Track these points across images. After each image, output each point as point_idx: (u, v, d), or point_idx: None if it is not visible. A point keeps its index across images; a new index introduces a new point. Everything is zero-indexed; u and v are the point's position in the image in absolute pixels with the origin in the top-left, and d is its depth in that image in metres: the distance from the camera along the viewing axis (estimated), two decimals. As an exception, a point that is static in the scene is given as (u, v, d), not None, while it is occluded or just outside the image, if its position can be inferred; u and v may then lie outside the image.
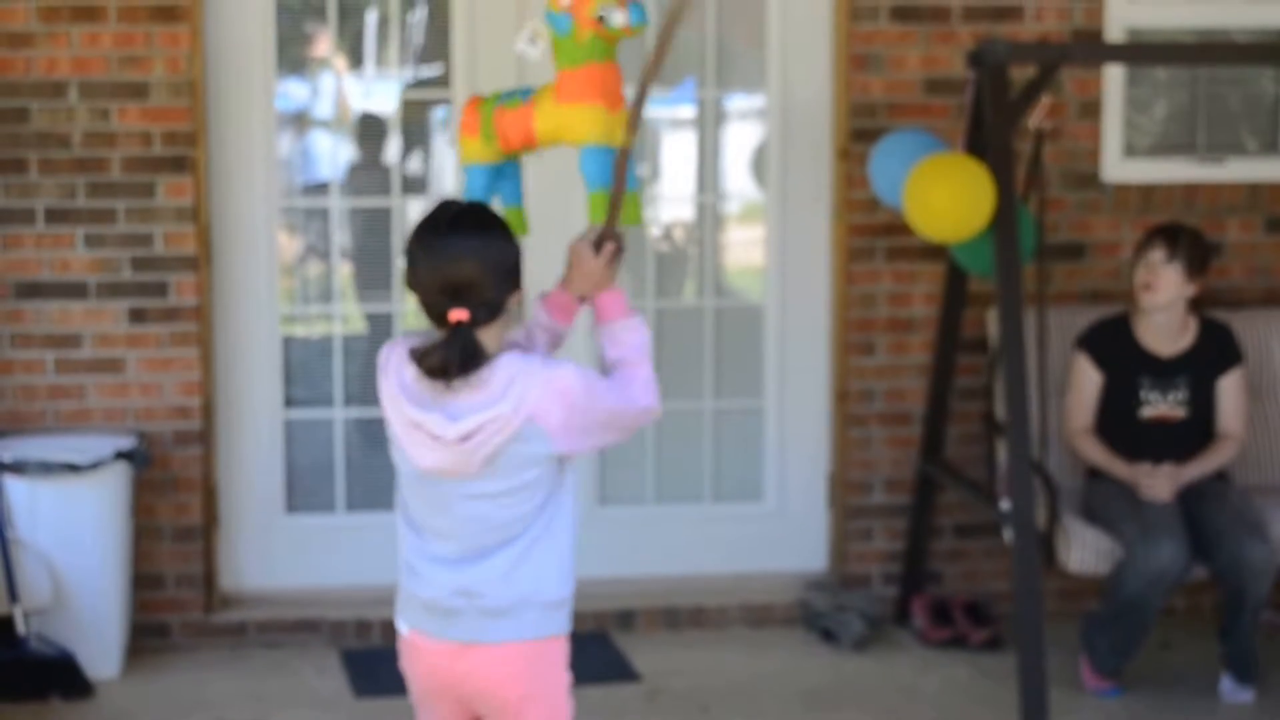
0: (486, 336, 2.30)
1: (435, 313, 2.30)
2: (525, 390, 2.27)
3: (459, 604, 2.35)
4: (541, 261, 4.48)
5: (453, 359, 2.25)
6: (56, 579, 3.92)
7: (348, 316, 4.52)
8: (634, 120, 2.59)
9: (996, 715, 3.80)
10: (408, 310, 4.46)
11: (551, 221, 3.70)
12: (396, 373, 2.34)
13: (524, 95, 2.92)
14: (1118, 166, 4.53)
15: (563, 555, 2.38)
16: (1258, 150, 4.70)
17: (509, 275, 2.32)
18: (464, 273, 2.27)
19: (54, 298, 4.16)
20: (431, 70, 4.52)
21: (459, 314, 2.26)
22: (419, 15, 4.49)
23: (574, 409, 2.29)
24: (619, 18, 2.76)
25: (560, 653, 2.43)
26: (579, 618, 4.35)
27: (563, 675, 2.44)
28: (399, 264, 4.45)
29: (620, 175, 2.59)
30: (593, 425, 2.32)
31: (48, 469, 3.89)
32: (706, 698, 3.92)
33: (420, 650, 2.41)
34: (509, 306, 2.33)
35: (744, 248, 4.68)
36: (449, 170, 4.50)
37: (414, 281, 2.32)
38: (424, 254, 2.30)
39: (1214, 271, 4.37)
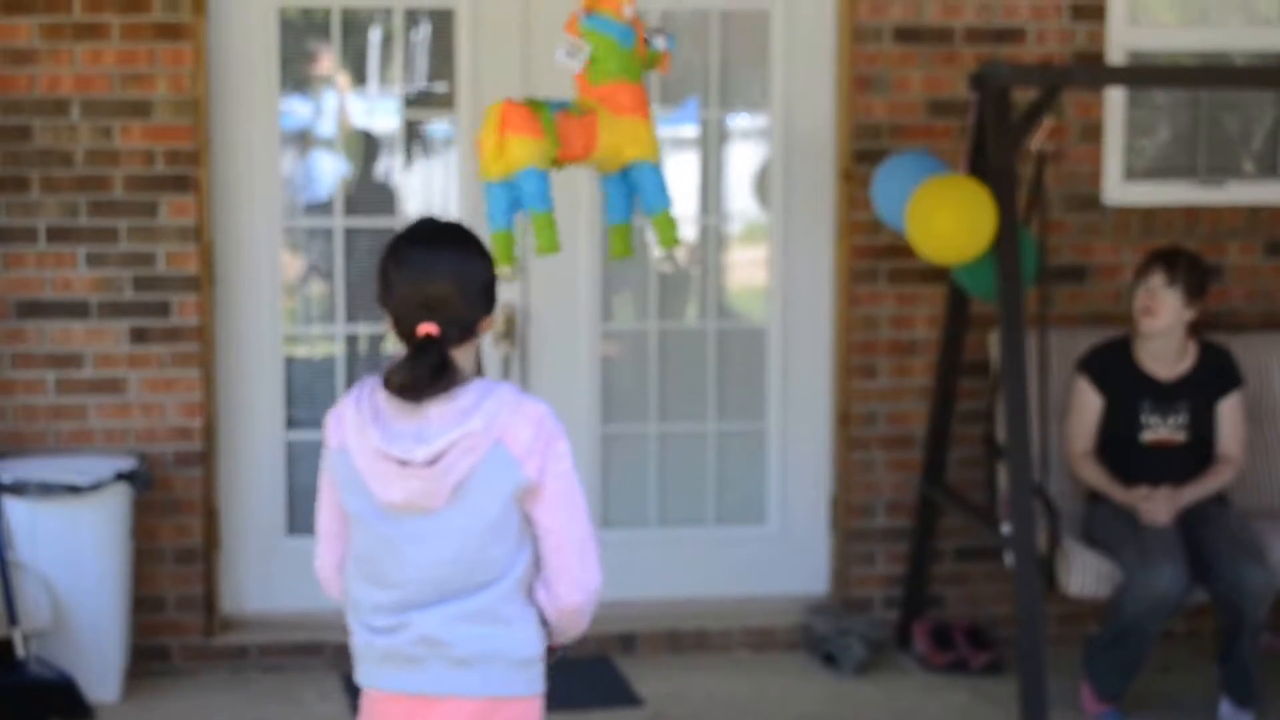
0: (457, 357, 2.25)
1: (405, 327, 2.25)
2: (496, 410, 2.21)
3: (421, 653, 2.24)
4: (543, 273, 4.44)
5: (421, 373, 2.19)
6: (56, 601, 3.90)
7: (350, 337, 4.51)
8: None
9: (998, 740, 3.82)
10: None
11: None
12: (369, 402, 2.25)
13: (564, 105, 2.88)
14: (1119, 189, 4.54)
15: (534, 612, 2.28)
16: (1258, 174, 4.71)
17: (482, 294, 2.27)
18: (438, 288, 2.22)
19: (55, 317, 4.15)
20: (435, 88, 4.51)
21: (428, 328, 2.22)
22: (422, 33, 4.48)
23: (540, 436, 2.22)
24: (662, 41, 2.88)
25: (535, 714, 2.30)
26: (581, 642, 4.38)
27: None
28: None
29: None
30: (557, 471, 2.23)
31: (48, 490, 3.88)
32: (708, 722, 3.93)
33: (381, 705, 2.29)
34: (480, 330, 2.28)
35: (747, 269, 4.68)
36: (453, 189, 4.49)
37: (386, 297, 2.26)
38: (399, 267, 2.25)
39: (1214, 295, 4.39)
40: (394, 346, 2.28)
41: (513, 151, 2.66)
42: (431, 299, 2.22)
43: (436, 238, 2.28)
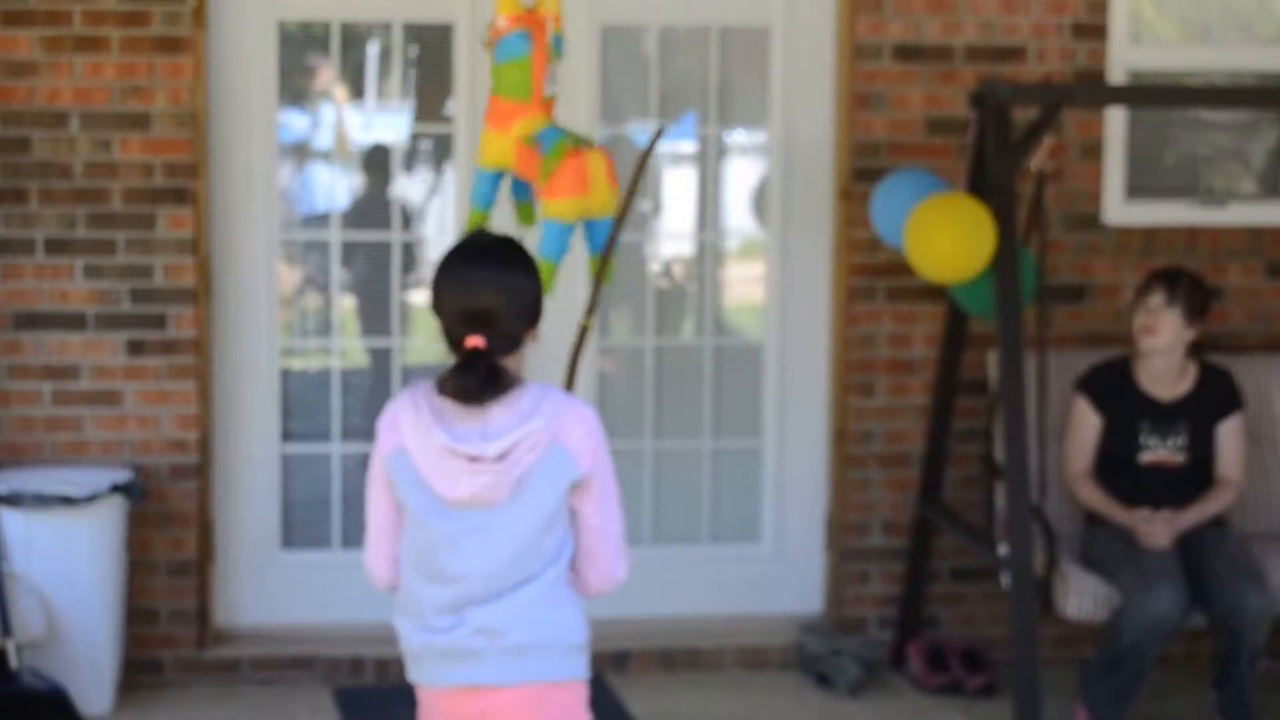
0: (506, 364, 2.36)
1: (454, 339, 2.36)
2: (553, 409, 2.34)
3: (479, 644, 2.35)
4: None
5: (471, 384, 2.30)
6: (50, 612, 3.90)
7: (347, 350, 4.51)
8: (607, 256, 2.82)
9: (992, 763, 3.79)
10: (409, 345, 4.46)
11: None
12: (426, 403, 2.34)
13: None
14: (1119, 209, 4.52)
15: (579, 597, 2.43)
16: (1259, 194, 4.70)
17: (528, 309, 2.38)
18: (484, 302, 2.32)
19: (52, 329, 4.16)
20: (433, 102, 4.51)
21: (475, 340, 2.32)
22: (421, 47, 4.49)
23: (591, 435, 2.36)
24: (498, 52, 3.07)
25: (581, 699, 2.42)
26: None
27: None
28: (399, 298, 4.45)
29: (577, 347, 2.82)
30: (604, 468, 2.38)
31: (43, 502, 3.88)
32: (701, 741, 3.92)
33: (440, 700, 2.38)
34: (526, 342, 2.38)
35: (744, 285, 4.67)
36: (450, 203, 4.49)
37: (438, 306, 2.38)
38: (450, 282, 2.36)
39: (1215, 316, 4.37)
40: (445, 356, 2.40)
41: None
42: (477, 312, 2.33)
43: (484, 254, 2.39)
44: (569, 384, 2.88)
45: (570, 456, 2.33)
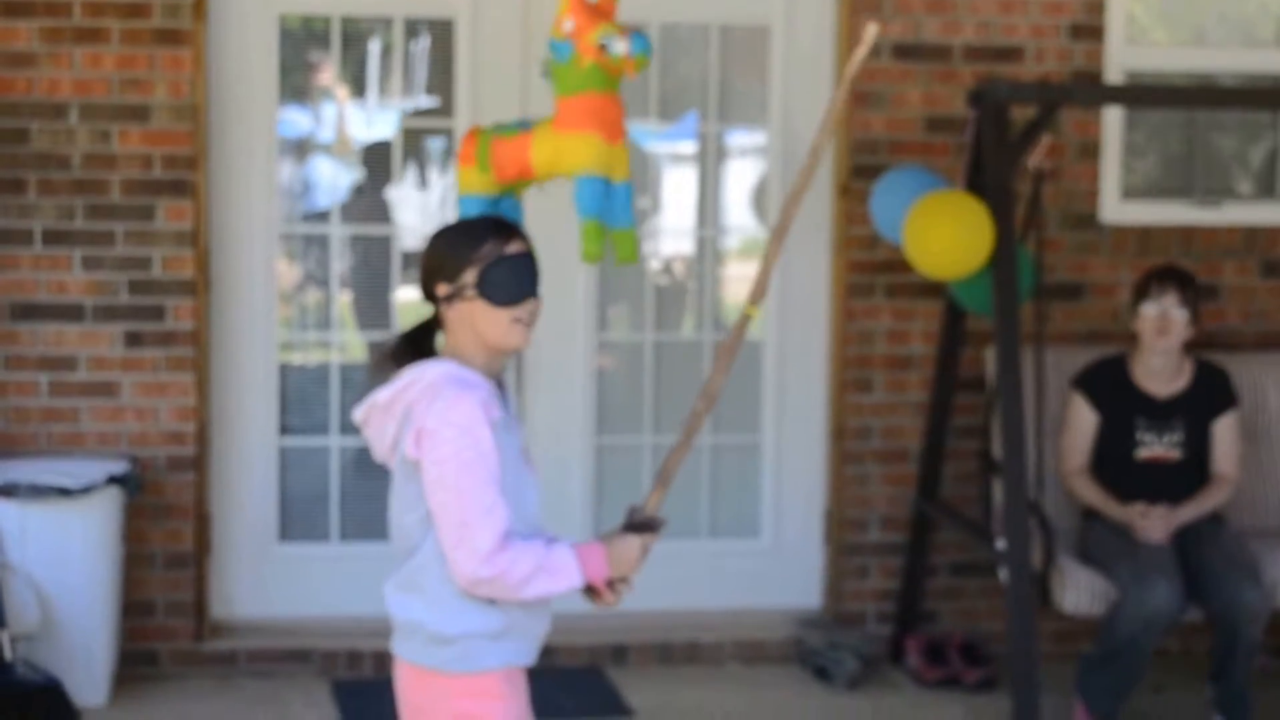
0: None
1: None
2: (421, 389, 2.33)
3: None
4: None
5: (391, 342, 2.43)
6: (45, 604, 3.88)
7: (345, 344, 4.51)
8: (762, 282, 2.51)
9: (991, 756, 3.79)
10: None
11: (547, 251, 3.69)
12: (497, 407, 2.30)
13: (524, 126, 2.92)
14: (1116, 208, 4.55)
15: (462, 590, 2.29)
16: (1254, 194, 4.73)
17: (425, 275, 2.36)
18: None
19: (50, 320, 4.14)
20: (433, 99, 4.52)
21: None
22: (422, 44, 4.49)
23: (444, 423, 2.27)
24: (620, 46, 2.76)
25: (448, 692, 2.30)
26: (572, 651, 4.37)
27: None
28: (398, 293, 4.45)
29: (730, 349, 2.45)
30: (440, 451, 2.26)
31: (38, 492, 3.86)
32: (699, 734, 3.91)
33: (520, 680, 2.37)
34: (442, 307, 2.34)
35: (743, 282, 4.67)
36: (449, 199, 4.49)
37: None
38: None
39: (1210, 314, 4.39)
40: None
41: (460, 179, 2.81)
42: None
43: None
44: (717, 380, 2.47)
45: (411, 437, 2.27)
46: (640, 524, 2.38)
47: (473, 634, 2.30)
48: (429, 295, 2.37)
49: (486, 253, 2.32)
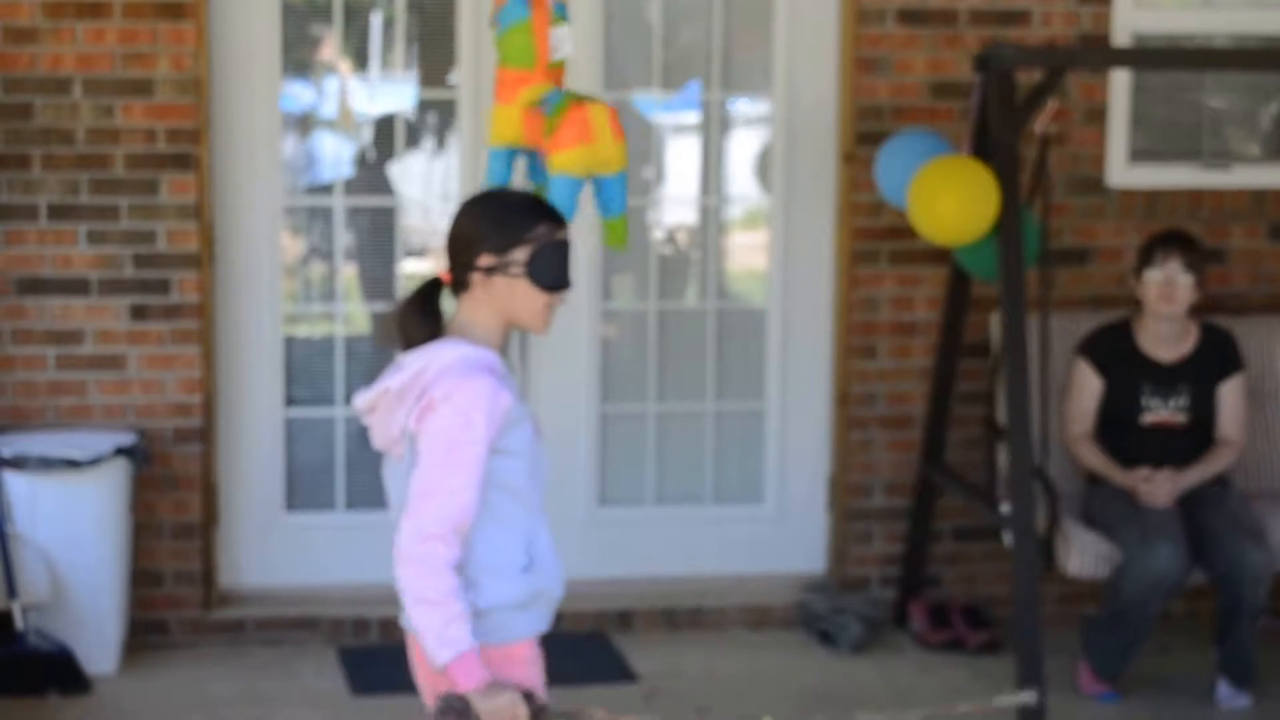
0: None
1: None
2: (440, 369, 2.33)
3: None
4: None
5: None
6: (55, 575, 3.92)
7: (350, 316, 4.52)
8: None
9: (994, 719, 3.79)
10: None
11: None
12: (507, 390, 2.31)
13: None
14: (1122, 172, 4.52)
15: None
16: (1262, 157, 4.69)
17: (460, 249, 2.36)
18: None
19: (56, 294, 4.17)
20: (436, 72, 4.52)
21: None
22: (424, 16, 4.49)
23: (448, 400, 2.28)
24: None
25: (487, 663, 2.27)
26: (578, 617, 4.39)
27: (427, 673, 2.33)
28: (402, 265, 4.47)
29: None
30: (437, 433, 2.27)
31: (48, 465, 3.89)
32: (704, 698, 3.92)
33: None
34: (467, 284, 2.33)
35: (747, 251, 4.68)
36: (453, 171, 4.50)
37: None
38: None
39: (1217, 278, 4.37)
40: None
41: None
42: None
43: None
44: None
45: (417, 412, 2.27)
46: (537, 708, 2.28)
47: (503, 605, 2.30)
48: (461, 262, 2.32)
49: (541, 234, 2.32)
